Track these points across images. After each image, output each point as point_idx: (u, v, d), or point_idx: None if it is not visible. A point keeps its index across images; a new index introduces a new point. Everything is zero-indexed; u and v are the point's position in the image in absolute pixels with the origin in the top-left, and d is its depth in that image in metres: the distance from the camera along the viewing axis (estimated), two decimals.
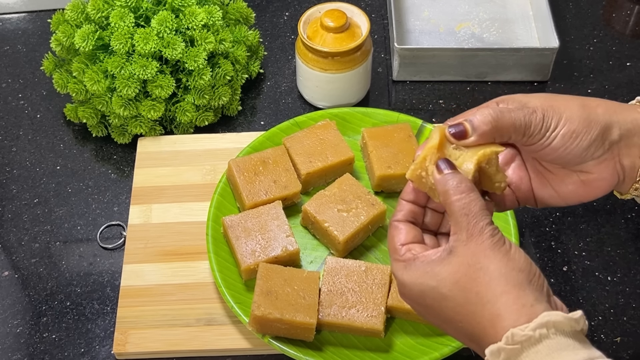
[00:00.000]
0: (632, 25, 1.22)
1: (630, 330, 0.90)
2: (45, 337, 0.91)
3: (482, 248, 0.60)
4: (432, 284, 0.61)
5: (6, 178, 1.05)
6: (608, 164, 0.67)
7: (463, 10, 1.22)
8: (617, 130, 0.66)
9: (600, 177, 0.67)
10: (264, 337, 0.85)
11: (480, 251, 0.59)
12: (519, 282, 0.59)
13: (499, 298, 0.58)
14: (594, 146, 0.66)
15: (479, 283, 0.59)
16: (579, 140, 0.65)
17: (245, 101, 1.13)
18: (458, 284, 0.60)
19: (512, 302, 0.58)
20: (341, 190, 0.94)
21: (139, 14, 1.03)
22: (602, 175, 0.67)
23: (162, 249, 0.96)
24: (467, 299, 0.59)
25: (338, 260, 0.89)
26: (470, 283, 0.59)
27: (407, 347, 0.86)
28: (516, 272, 0.59)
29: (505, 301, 0.58)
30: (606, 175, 0.67)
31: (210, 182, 1.01)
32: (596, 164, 0.67)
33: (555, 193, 0.70)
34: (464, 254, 0.60)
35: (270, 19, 1.23)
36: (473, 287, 0.59)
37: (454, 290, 0.60)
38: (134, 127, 1.05)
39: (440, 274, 0.61)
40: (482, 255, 0.59)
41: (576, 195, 0.69)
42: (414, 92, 1.13)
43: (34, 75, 1.16)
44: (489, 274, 0.59)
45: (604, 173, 0.67)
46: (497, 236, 0.60)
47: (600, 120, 0.66)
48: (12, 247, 0.99)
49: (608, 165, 0.67)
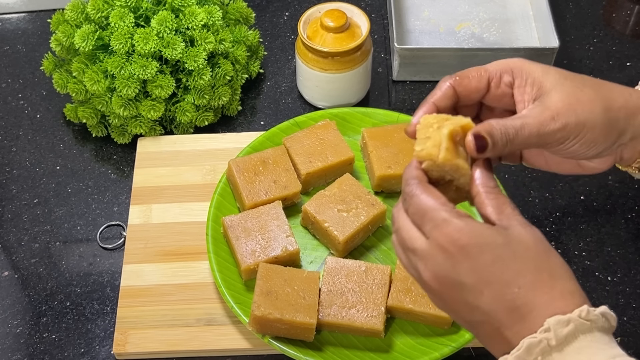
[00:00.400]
0: (632, 25, 1.22)
1: (630, 330, 0.90)
2: (45, 337, 0.91)
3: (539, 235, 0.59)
4: (501, 240, 0.57)
5: (6, 178, 1.05)
6: (609, 158, 0.69)
7: (463, 10, 1.22)
8: (629, 135, 0.66)
9: (599, 166, 0.70)
10: (264, 337, 0.85)
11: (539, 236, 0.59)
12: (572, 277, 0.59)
13: (569, 280, 0.58)
14: (607, 150, 0.67)
15: (551, 260, 0.58)
16: (596, 148, 0.65)
17: (245, 101, 1.13)
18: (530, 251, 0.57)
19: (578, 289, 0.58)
20: (341, 190, 0.94)
21: (138, 14, 1.03)
22: (601, 165, 0.70)
23: (162, 249, 0.96)
24: (539, 267, 0.57)
25: (338, 260, 0.89)
26: (543, 255, 0.58)
27: (407, 347, 0.86)
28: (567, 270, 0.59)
29: (575, 284, 0.58)
30: (604, 166, 0.70)
31: (210, 182, 1.01)
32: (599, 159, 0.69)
33: (546, 164, 0.71)
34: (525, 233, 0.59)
35: (270, 19, 1.23)
36: (545, 261, 0.58)
37: (527, 253, 0.57)
38: (133, 127, 1.05)
39: (510, 236, 0.58)
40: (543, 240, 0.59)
41: (565, 170, 0.71)
42: (414, 92, 1.13)
43: (34, 75, 1.16)
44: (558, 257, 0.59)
45: (604, 165, 0.70)
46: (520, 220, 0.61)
47: (620, 127, 0.65)
48: (12, 247, 0.99)
49: (608, 160, 0.69)
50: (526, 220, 0.60)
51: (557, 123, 0.62)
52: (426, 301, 0.85)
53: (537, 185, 1.02)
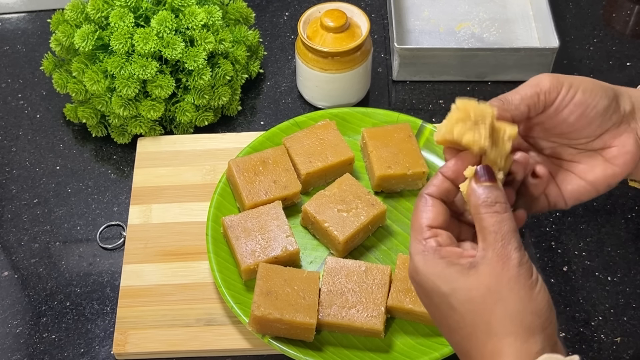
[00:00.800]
0: (632, 25, 1.22)
1: (630, 330, 0.90)
2: (45, 337, 0.91)
3: (507, 276, 0.57)
4: (445, 290, 0.58)
5: (6, 178, 1.05)
6: (628, 135, 0.66)
7: (463, 10, 1.22)
8: (628, 100, 0.65)
9: (624, 149, 0.66)
10: (264, 337, 0.85)
11: (504, 279, 0.57)
12: (533, 327, 0.57)
13: (507, 336, 0.56)
14: (610, 110, 0.64)
15: (493, 313, 0.57)
16: (599, 97, 0.63)
17: (245, 101, 1.13)
18: (471, 304, 0.57)
19: (519, 345, 0.56)
20: (341, 190, 0.94)
21: (138, 14, 1.02)
22: (625, 147, 0.66)
23: (162, 249, 0.96)
24: (474, 322, 0.57)
25: (338, 260, 0.89)
26: (484, 309, 0.57)
27: (407, 347, 0.86)
28: (534, 316, 0.57)
29: (513, 342, 0.56)
30: (629, 147, 0.66)
31: (210, 182, 1.01)
32: (615, 135, 0.66)
33: (583, 181, 0.67)
34: (486, 275, 0.57)
35: (270, 19, 1.23)
36: (485, 315, 0.57)
37: (465, 307, 0.58)
38: (133, 127, 1.05)
39: (457, 284, 0.58)
40: (505, 285, 0.57)
41: (604, 177, 0.67)
42: (414, 92, 1.13)
43: (34, 75, 1.16)
44: (506, 309, 0.57)
45: (627, 145, 0.66)
46: (525, 266, 0.58)
47: (610, 86, 0.65)
48: (12, 247, 0.99)
49: (628, 137, 0.66)
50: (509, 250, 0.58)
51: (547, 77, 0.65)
52: None
53: None
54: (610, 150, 0.66)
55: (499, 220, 0.58)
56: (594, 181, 0.67)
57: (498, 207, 0.59)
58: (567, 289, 0.93)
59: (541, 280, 0.58)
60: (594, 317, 0.91)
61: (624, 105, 0.65)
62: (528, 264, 0.58)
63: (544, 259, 0.96)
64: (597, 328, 0.90)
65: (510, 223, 0.59)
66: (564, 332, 0.90)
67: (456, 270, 0.58)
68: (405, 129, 0.99)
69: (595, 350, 0.89)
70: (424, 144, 1.01)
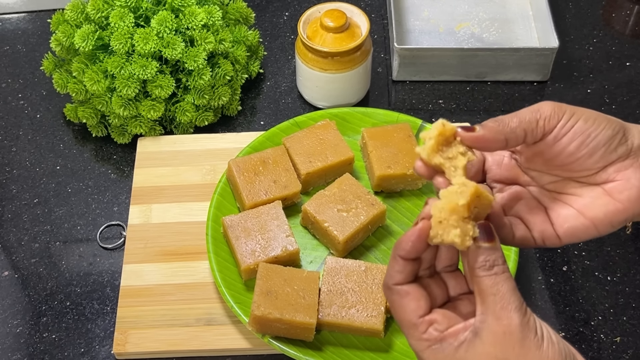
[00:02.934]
0: (631, 25, 1.22)
1: (630, 330, 0.90)
2: (45, 337, 0.91)
3: (511, 342, 0.55)
4: None
5: (6, 178, 1.05)
6: (635, 170, 0.60)
7: (463, 10, 1.22)
8: (637, 134, 0.60)
9: (628, 183, 0.60)
10: (263, 337, 0.85)
11: (509, 347, 0.55)
12: None
13: None
14: (615, 141, 0.60)
15: None
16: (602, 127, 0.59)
17: (245, 101, 1.13)
18: None
19: None
20: (341, 190, 0.94)
21: (138, 14, 1.03)
22: (630, 181, 0.60)
23: (162, 249, 0.96)
24: None
25: (338, 260, 0.89)
26: None
27: (407, 347, 0.86)
28: None
29: None
30: (634, 182, 0.60)
31: (210, 182, 1.01)
32: (620, 169, 0.60)
33: (583, 217, 0.62)
34: (490, 344, 0.55)
35: (270, 19, 1.23)
36: None
37: None
38: (133, 127, 1.05)
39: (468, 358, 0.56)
40: (512, 352, 0.55)
41: (606, 213, 0.61)
42: (413, 92, 1.13)
43: (34, 75, 1.16)
44: None
45: (632, 179, 0.60)
46: (527, 325, 0.56)
47: (617, 120, 0.61)
48: (12, 247, 0.99)
49: (635, 171, 0.60)
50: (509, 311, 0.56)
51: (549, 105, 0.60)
52: None
53: None
54: (613, 184, 0.61)
55: (497, 281, 0.56)
56: (594, 217, 0.61)
57: (497, 269, 0.56)
58: (567, 289, 0.93)
59: (547, 332, 0.56)
60: (593, 316, 0.91)
61: (632, 138, 0.61)
62: (531, 321, 0.56)
63: (544, 258, 0.96)
64: (597, 328, 0.90)
65: (509, 282, 0.56)
66: (564, 332, 0.90)
67: (464, 347, 0.56)
68: (405, 129, 0.99)
69: (594, 350, 0.89)
70: None
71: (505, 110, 1.11)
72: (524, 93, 1.13)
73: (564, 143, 0.60)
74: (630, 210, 0.60)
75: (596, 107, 1.11)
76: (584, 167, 0.60)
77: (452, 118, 1.10)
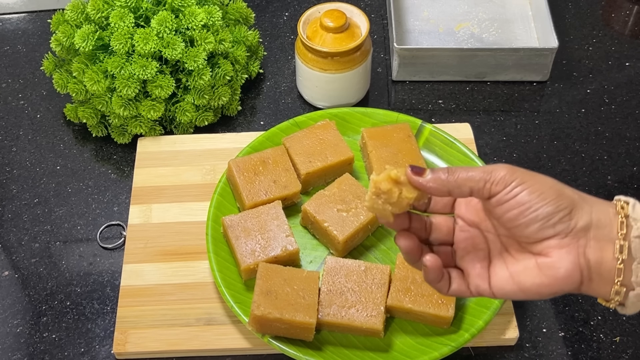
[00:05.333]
0: (631, 25, 1.22)
1: (629, 330, 0.90)
2: (45, 337, 0.91)
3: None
4: None
5: (6, 178, 1.05)
6: (570, 251, 0.62)
7: (462, 10, 1.23)
8: (586, 216, 0.62)
9: (559, 263, 0.62)
10: (263, 337, 0.85)
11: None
12: None
13: None
14: (555, 218, 0.61)
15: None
16: (545, 202, 0.61)
17: (245, 101, 1.13)
18: None
19: None
20: (341, 190, 0.94)
21: (138, 14, 1.03)
22: (561, 262, 0.62)
23: (162, 249, 0.96)
24: None
25: (338, 260, 0.89)
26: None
27: (406, 347, 0.86)
28: None
29: None
30: (565, 264, 0.62)
31: (210, 182, 1.01)
32: (556, 245, 0.62)
33: (512, 280, 0.64)
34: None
35: (270, 19, 1.23)
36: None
37: None
38: (134, 127, 1.05)
39: None
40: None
41: (532, 284, 0.63)
42: (413, 92, 1.14)
43: (34, 75, 1.16)
44: None
45: (564, 260, 0.62)
46: None
47: (571, 196, 0.63)
48: (12, 247, 0.99)
49: (570, 252, 0.62)
50: None
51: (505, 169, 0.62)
52: (425, 301, 0.85)
53: None
54: (545, 259, 0.62)
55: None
56: (522, 285, 0.64)
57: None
58: None
59: None
60: (593, 316, 0.91)
61: (577, 218, 0.62)
62: None
63: None
64: (597, 327, 0.90)
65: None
66: (564, 332, 0.90)
67: None
68: (405, 129, 1.00)
69: (594, 350, 0.89)
70: (424, 144, 1.01)
71: (505, 110, 1.11)
72: (523, 93, 1.13)
73: (504, 208, 0.62)
74: (556, 286, 0.63)
75: (596, 107, 1.12)
76: (523, 235, 0.63)
77: (452, 118, 1.10)
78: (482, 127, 1.09)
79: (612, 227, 0.63)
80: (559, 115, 1.11)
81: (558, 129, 1.09)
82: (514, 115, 1.11)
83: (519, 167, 0.63)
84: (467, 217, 0.68)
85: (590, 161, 1.05)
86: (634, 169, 1.04)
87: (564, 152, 1.06)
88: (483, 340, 0.88)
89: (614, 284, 0.62)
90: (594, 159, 1.05)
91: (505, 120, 1.10)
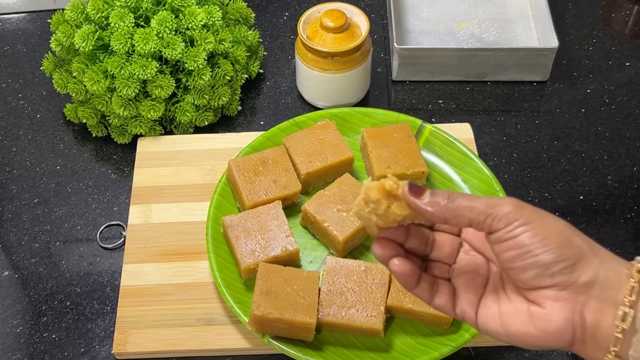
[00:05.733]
0: (631, 25, 1.22)
1: None
2: (45, 337, 0.91)
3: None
4: None
5: (6, 178, 1.05)
6: (565, 306, 0.57)
7: (462, 10, 1.23)
8: (592, 271, 0.57)
9: (551, 317, 0.57)
10: (263, 337, 0.85)
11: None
12: None
13: None
14: (554, 269, 0.57)
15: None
16: (547, 249, 0.56)
17: (245, 101, 1.13)
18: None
19: None
20: (341, 190, 0.94)
21: (138, 14, 1.03)
22: (554, 316, 0.57)
23: (162, 249, 0.96)
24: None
25: (338, 260, 0.89)
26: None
27: (406, 347, 0.86)
28: None
29: None
30: (558, 319, 0.57)
31: (210, 182, 1.01)
32: (552, 297, 0.57)
33: (499, 320, 0.60)
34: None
35: (270, 19, 1.23)
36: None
37: None
38: (133, 127, 1.05)
39: None
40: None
41: (519, 331, 0.59)
42: (413, 92, 1.14)
43: (34, 75, 1.16)
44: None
45: (557, 315, 0.57)
46: None
47: (579, 246, 0.58)
48: (12, 247, 0.99)
49: (565, 308, 0.57)
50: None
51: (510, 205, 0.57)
52: None
53: (536, 185, 1.03)
54: (537, 309, 0.58)
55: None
56: (508, 328, 0.60)
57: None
58: None
59: None
60: None
61: (579, 273, 0.57)
62: None
63: None
64: None
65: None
66: None
67: None
68: (405, 128, 0.99)
69: None
70: (424, 144, 1.01)
71: (505, 110, 1.11)
72: (523, 93, 1.13)
73: (503, 247, 0.58)
74: (543, 340, 0.58)
75: (596, 107, 1.12)
76: (519, 278, 0.58)
77: (452, 118, 1.10)
78: (482, 127, 1.09)
79: (620, 290, 0.57)
80: (559, 115, 1.11)
81: (558, 129, 1.09)
82: (514, 115, 1.11)
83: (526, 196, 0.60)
84: (474, 243, 0.64)
85: (590, 161, 1.05)
86: (634, 169, 1.04)
87: (564, 152, 1.06)
88: (483, 340, 0.88)
89: (608, 351, 0.57)
90: (594, 159, 1.05)
91: (505, 120, 1.10)
